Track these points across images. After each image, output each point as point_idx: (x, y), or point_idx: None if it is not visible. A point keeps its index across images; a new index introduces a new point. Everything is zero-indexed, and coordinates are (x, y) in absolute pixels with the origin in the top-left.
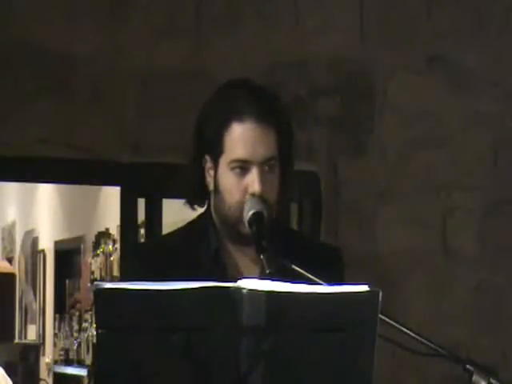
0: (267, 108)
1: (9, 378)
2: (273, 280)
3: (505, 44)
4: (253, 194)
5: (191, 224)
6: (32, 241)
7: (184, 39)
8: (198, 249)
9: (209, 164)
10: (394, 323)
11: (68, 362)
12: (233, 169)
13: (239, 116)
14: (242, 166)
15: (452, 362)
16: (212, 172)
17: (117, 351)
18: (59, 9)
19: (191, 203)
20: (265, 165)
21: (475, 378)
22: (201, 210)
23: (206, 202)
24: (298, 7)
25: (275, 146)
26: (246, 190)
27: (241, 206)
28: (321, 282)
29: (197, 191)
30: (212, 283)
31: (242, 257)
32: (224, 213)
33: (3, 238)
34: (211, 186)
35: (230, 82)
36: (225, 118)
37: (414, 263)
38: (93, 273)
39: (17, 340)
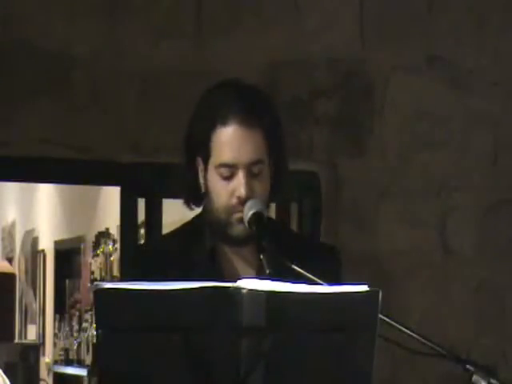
0: (252, 109)
1: (6, 378)
2: (272, 280)
3: (505, 44)
4: (239, 198)
5: (187, 225)
6: (32, 241)
7: (184, 39)
8: (194, 249)
9: (201, 166)
10: (394, 323)
11: (68, 362)
12: (220, 173)
13: (224, 119)
14: (229, 170)
15: (452, 362)
16: (203, 174)
17: (117, 351)
18: (59, 9)
19: (188, 203)
20: (252, 168)
21: (475, 377)
22: (199, 210)
23: (203, 203)
24: (297, 7)
25: (263, 148)
26: (233, 194)
27: (228, 210)
28: (321, 281)
29: (191, 192)
30: (212, 283)
31: (237, 258)
32: (213, 215)
33: (3, 238)
34: (203, 188)
35: (218, 83)
36: (210, 123)
37: (414, 263)
38: (93, 273)
39: (17, 340)
